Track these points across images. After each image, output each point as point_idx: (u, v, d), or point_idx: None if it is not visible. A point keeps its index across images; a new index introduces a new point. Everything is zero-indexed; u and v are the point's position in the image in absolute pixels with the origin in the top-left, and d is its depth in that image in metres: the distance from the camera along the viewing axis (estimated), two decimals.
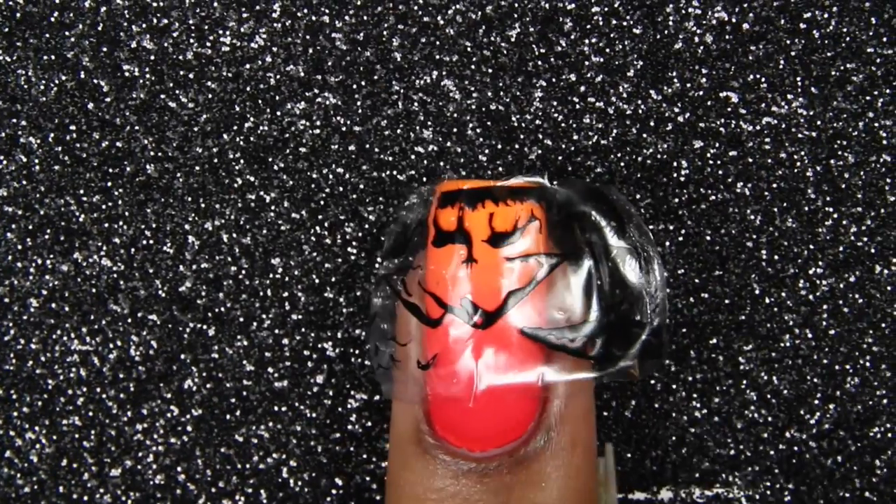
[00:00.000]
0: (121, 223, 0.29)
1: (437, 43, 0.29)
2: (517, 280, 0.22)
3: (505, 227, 0.22)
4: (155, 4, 0.29)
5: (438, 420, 0.23)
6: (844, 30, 0.28)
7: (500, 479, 0.22)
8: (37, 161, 0.29)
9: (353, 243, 0.29)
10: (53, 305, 0.29)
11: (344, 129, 0.29)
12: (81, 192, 0.29)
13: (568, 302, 0.23)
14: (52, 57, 0.29)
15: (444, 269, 0.22)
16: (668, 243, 0.29)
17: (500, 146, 0.29)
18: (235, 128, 0.29)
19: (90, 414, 0.29)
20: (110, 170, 0.29)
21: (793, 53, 0.28)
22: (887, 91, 0.28)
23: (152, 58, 0.29)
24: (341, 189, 0.29)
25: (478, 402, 0.22)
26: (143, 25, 0.29)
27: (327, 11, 0.28)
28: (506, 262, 0.22)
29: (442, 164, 0.29)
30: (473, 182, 0.23)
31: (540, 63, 0.28)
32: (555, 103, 0.29)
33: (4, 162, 0.29)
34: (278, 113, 0.29)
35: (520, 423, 0.23)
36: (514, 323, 0.22)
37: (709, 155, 0.28)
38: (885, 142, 0.28)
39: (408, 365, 0.23)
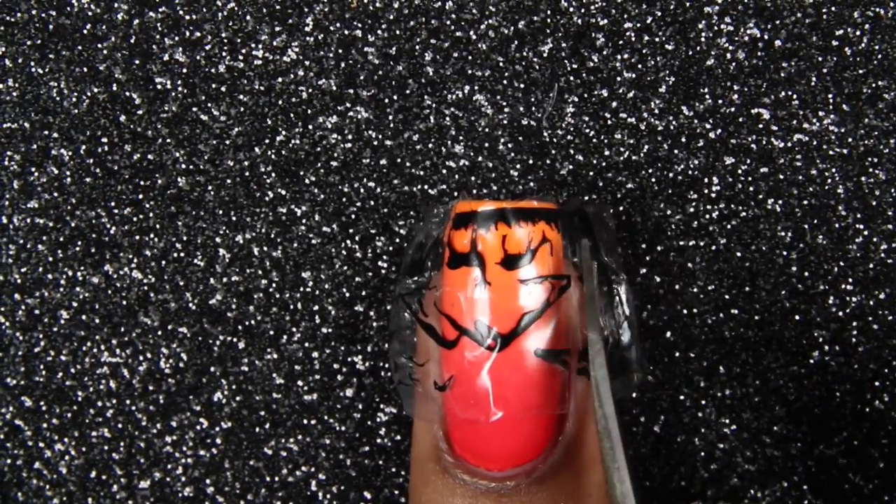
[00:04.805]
0: (152, 235, 0.29)
1: (470, 58, 0.29)
2: (531, 302, 0.22)
3: (518, 250, 0.22)
4: (188, 17, 0.29)
5: (457, 440, 0.23)
6: (876, 47, 0.28)
7: (518, 499, 0.22)
8: (68, 173, 0.29)
9: (384, 257, 0.29)
10: (84, 317, 0.29)
11: (375, 143, 0.29)
12: (113, 204, 0.29)
13: (581, 321, 0.23)
14: (85, 69, 0.29)
15: (458, 291, 0.22)
16: (698, 259, 0.29)
17: (531, 161, 0.29)
18: (267, 141, 0.29)
19: (119, 426, 0.29)
20: (141, 182, 0.29)
21: (824, 70, 0.28)
22: None
23: (184, 71, 0.29)
24: (372, 203, 0.29)
25: (495, 423, 0.22)
26: (176, 38, 0.29)
27: (360, 25, 0.28)
28: (519, 284, 0.22)
29: (473, 178, 0.29)
30: (487, 203, 0.23)
31: (572, 78, 0.29)
32: (586, 119, 0.29)
33: (36, 174, 0.29)
34: (310, 126, 0.29)
35: (537, 443, 0.23)
36: (529, 345, 0.22)
37: (740, 171, 0.29)
38: None
39: (426, 384, 0.23)
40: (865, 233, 0.29)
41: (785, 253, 0.29)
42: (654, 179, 0.29)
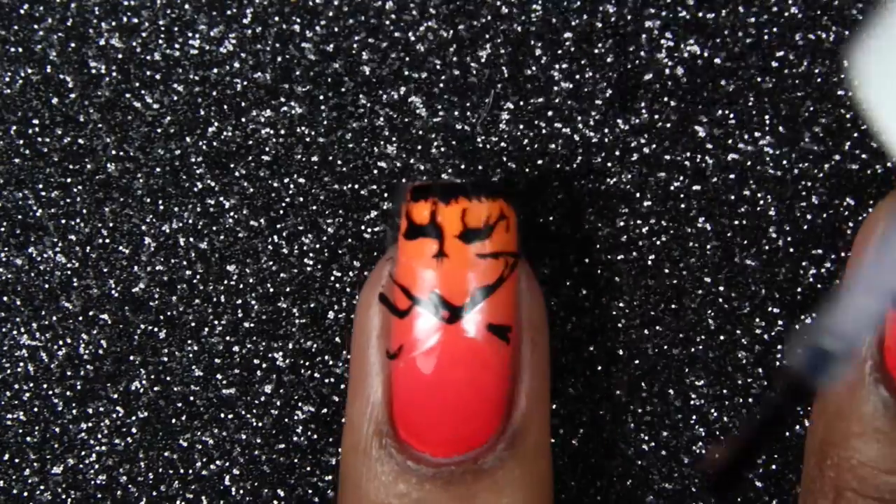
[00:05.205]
0: (78, 220, 0.29)
1: (407, 59, 0.28)
2: (486, 276, 0.23)
3: (477, 224, 0.23)
4: (126, 3, 0.28)
5: (402, 423, 0.23)
6: (816, 70, 0.28)
7: (465, 486, 0.23)
8: None
9: (310, 255, 0.29)
10: (5, 299, 0.29)
11: (308, 139, 0.28)
12: (40, 186, 0.29)
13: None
14: (20, 49, 0.28)
15: (413, 262, 0.23)
16: (625, 274, 0.29)
17: (463, 166, 0.28)
18: (199, 132, 0.28)
19: (35, 410, 0.29)
20: (70, 166, 0.29)
21: (763, 91, 0.28)
22: (855, 134, 0.28)
23: (119, 56, 0.28)
24: (301, 199, 0.29)
25: (441, 404, 0.23)
26: (113, 23, 0.28)
27: (298, 20, 0.28)
28: (476, 258, 0.22)
29: (404, 180, 0.28)
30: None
31: (508, 86, 0.28)
32: (521, 127, 0.28)
33: None
34: (243, 119, 0.28)
35: (483, 428, 0.23)
36: (480, 319, 0.23)
37: (672, 188, 0.28)
38: (849, 185, 0.28)
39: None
40: (795, 256, 0.28)
41: (713, 272, 0.28)
42: (585, 192, 0.28)
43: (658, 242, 0.28)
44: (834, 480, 0.23)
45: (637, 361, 0.29)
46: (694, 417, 0.29)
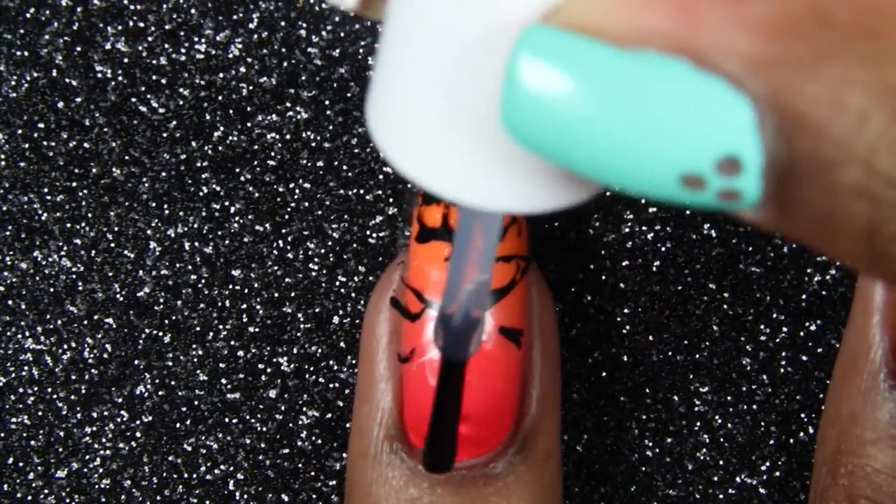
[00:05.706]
0: (83, 224, 0.29)
1: None
2: (498, 280, 0.23)
3: None
4: (132, 7, 0.28)
5: (412, 427, 0.23)
6: None
7: (476, 490, 0.23)
8: (3, 157, 0.29)
9: (316, 259, 0.29)
10: (10, 303, 0.29)
11: (313, 144, 0.28)
12: (45, 190, 0.29)
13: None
14: (25, 53, 0.28)
15: (426, 266, 0.23)
16: (630, 281, 0.29)
17: None
18: (204, 136, 0.28)
19: (39, 414, 0.29)
20: (76, 170, 0.29)
21: None
22: None
23: (126, 60, 0.28)
24: (307, 204, 0.29)
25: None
26: (119, 27, 0.28)
27: (304, 25, 0.28)
28: None
29: (409, 185, 0.28)
30: None
31: None
32: None
33: None
34: (248, 124, 0.28)
35: (495, 433, 0.23)
36: (493, 322, 0.23)
37: None
38: None
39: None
40: (800, 263, 0.28)
41: (718, 279, 0.28)
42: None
43: (663, 248, 0.28)
44: (848, 489, 0.23)
45: (641, 367, 0.29)
46: (698, 424, 0.29)
